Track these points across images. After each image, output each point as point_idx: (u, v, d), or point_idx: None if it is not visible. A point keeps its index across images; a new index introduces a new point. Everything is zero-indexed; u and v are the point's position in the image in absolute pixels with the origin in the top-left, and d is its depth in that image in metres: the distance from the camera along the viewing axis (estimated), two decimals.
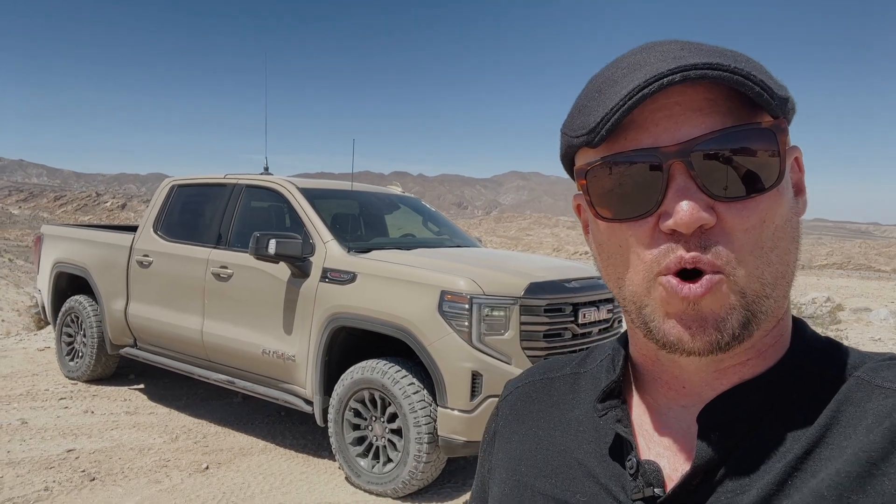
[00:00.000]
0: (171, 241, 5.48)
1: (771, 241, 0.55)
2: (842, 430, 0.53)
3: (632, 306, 0.59)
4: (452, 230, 5.95)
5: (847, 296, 12.73)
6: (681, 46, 0.56)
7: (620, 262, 0.59)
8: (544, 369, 0.79)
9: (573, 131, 0.59)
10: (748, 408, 0.57)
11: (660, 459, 0.60)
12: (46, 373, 6.51)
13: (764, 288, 0.55)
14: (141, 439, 4.84)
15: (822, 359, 0.60)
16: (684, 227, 0.53)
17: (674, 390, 0.62)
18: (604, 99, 0.55)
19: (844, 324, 9.56)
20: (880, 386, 0.54)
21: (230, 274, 4.88)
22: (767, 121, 0.55)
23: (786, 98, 0.56)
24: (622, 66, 0.57)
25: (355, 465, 4.12)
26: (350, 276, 4.24)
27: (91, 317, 6.04)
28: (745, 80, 0.52)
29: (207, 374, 5.12)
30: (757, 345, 0.59)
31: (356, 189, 5.61)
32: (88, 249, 6.14)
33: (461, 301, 3.79)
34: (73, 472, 4.17)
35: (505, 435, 0.76)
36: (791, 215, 0.58)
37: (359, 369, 4.12)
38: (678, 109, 0.54)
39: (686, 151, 0.53)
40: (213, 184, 5.51)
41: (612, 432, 0.64)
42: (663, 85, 0.52)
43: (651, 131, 0.55)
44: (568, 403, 0.72)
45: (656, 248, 0.55)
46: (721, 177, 0.53)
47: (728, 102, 0.54)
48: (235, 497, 3.95)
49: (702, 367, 0.59)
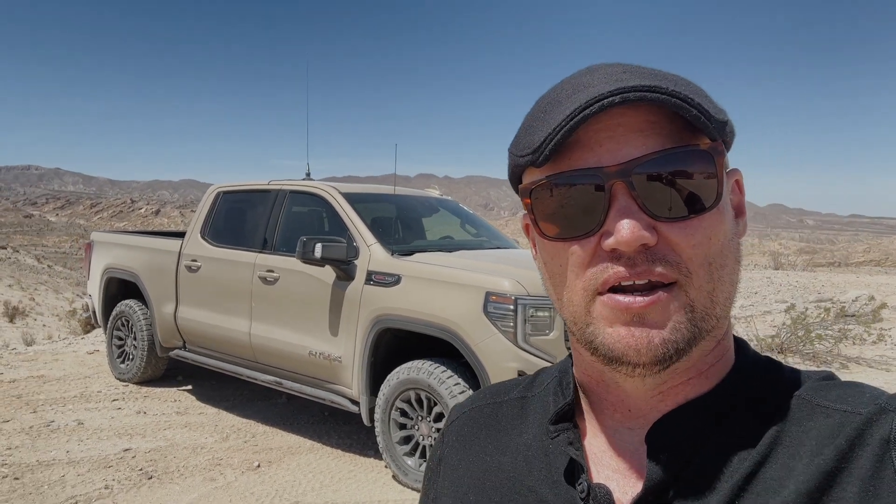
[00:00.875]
0: (219, 247, 5.64)
1: (719, 259, 0.56)
2: (787, 450, 0.54)
3: (574, 326, 0.60)
4: (491, 232, 6.01)
5: (888, 293, 12.44)
6: (623, 69, 0.57)
7: (561, 282, 0.60)
8: (491, 393, 0.78)
9: (519, 151, 0.60)
10: (694, 427, 0.58)
11: (609, 482, 0.60)
12: (98, 375, 6.74)
13: (714, 305, 0.56)
14: (193, 438, 5.00)
15: (766, 378, 0.60)
16: (625, 245, 0.53)
17: (620, 412, 0.63)
18: (548, 119, 0.56)
19: (888, 321, 9.37)
20: (821, 405, 0.56)
21: (276, 277, 5.02)
22: (706, 143, 0.56)
23: (724, 121, 0.57)
24: (567, 87, 0.58)
25: (402, 464, 4.21)
26: (395, 279, 4.33)
27: (141, 320, 6.24)
28: (682, 102, 0.53)
29: (255, 375, 5.27)
30: (698, 364, 0.59)
31: (396, 193, 5.71)
32: (138, 255, 6.35)
33: (506, 302, 3.85)
34: (130, 471, 4.33)
35: (451, 462, 0.74)
36: (732, 236, 0.58)
37: (405, 370, 4.21)
38: (620, 130, 0.55)
39: (627, 172, 0.54)
40: (257, 190, 5.66)
41: (563, 456, 0.63)
42: (604, 106, 0.53)
43: (595, 151, 0.56)
44: (516, 428, 0.71)
45: (595, 267, 0.56)
46: (662, 197, 0.55)
47: (669, 125, 0.55)
48: (288, 494, 4.07)
49: (646, 389, 0.60)
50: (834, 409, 0.55)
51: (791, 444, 0.55)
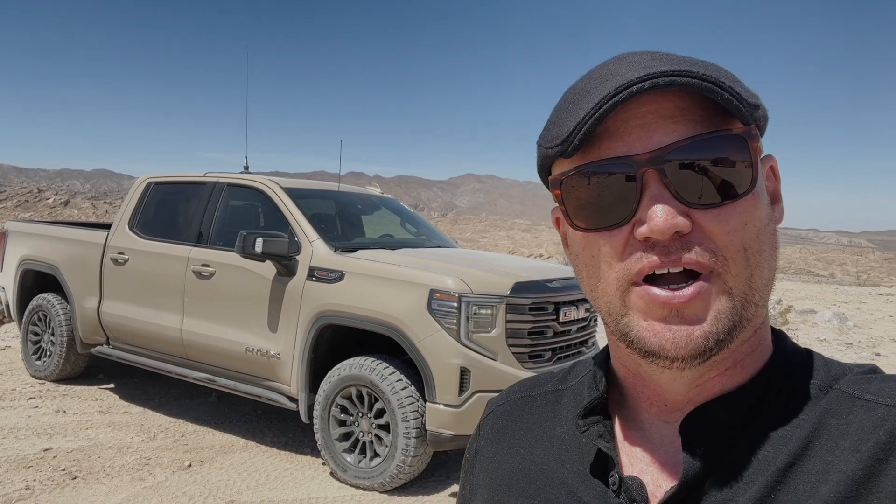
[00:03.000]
0: (149, 239, 5.43)
1: (755, 245, 0.55)
2: (825, 443, 0.53)
3: (608, 318, 0.59)
4: (431, 231, 6.07)
5: (792, 298, 13.35)
6: (651, 56, 0.56)
7: (594, 273, 0.58)
8: (526, 386, 0.78)
9: (548, 143, 0.59)
10: (730, 419, 0.56)
11: (643, 476, 0.59)
12: (11, 372, 6.34)
13: (752, 292, 0.55)
14: (118, 438, 4.80)
15: (804, 370, 0.59)
16: (659, 232, 0.52)
17: (656, 406, 0.62)
18: (576, 109, 0.55)
19: (793, 324, 10.06)
20: (862, 398, 0.54)
21: (212, 272, 4.89)
22: (739, 127, 0.54)
23: (756, 105, 0.56)
24: (594, 77, 0.57)
25: (341, 461, 4.20)
26: (338, 275, 4.31)
27: (60, 315, 5.93)
28: (713, 86, 0.52)
29: (186, 373, 5.11)
30: (735, 354, 0.58)
31: (338, 190, 5.68)
32: (58, 247, 6.02)
33: (450, 299, 3.91)
34: (52, 471, 4.12)
35: (487, 454, 0.74)
36: (768, 222, 0.57)
37: (346, 366, 4.20)
38: (650, 118, 0.54)
39: (658, 159, 0.53)
40: (192, 181, 5.49)
41: (594, 449, 0.62)
42: (633, 93, 0.52)
43: (624, 139, 0.55)
44: (550, 421, 0.70)
45: (629, 258, 0.55)
46: (695, 184, 0.53)
47: (700, 111, 0.54)
48: (222, 493, 3.97)
49: (683, 382, 0.58)
50: (876, 402, 0.53)
51: (830, 437, 0.53)
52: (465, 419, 3.81)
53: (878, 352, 9.60)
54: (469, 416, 3.81)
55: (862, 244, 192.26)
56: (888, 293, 21.55)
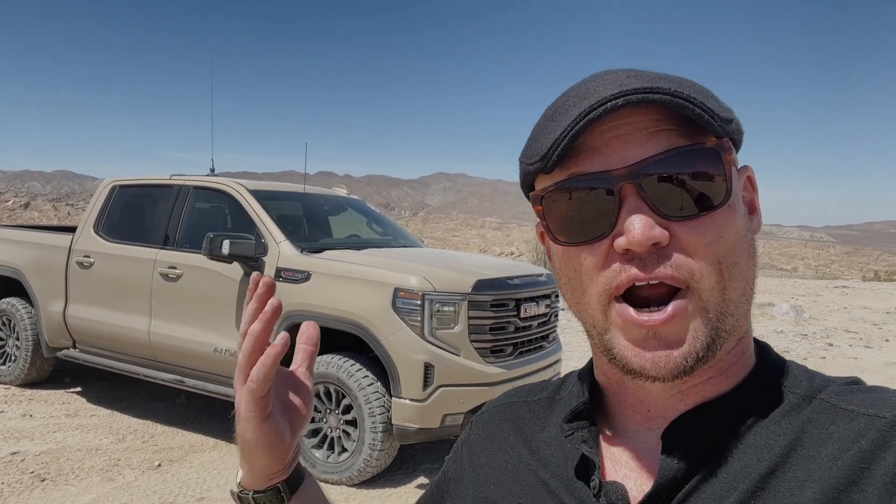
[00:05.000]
0: (115, 242, 5.45)
1: (731, 257, 0.56)
2: (806, 452, 0.53)
3: (593, 331, 0.60)
4: (397, 231, 6.19)
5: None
6: (627, 74, 0.57)
7: (577, 287, 0.59)
8: (523, 392, 0.79)
9: (528, 159, 0.60)
10: (712, 427, 0.57)
11: (626, 481, 0.60)
12: None
13: (728, 305, 0.55)
14: (86, 440, 4.82)
15: (787, 380, 0.60)
16: (637, 244, 0.53)
17: (639, 413, 0.63)
18: (555, 126, 0.57)
19: (751, 317, 10.40)
20: (845, 409, 0.55)
21: (179, 274, 4.94)
22: (712, 141, 0.56)
23: (729, 119, 0.58)
24: (572, 95, 0.59)
25: (310, 456, 4.30)
26: (304, 275, 4.41)
27: (25, 319, 5.91)
28: (685, 102, 0.54)
29: (154, 375, 5.15)
30: (719, 363, 0.59)
31: (304, 191, 5.76)
32: (22, 250, 6.00)
33: (414, 297, 4.04)
34: (21, 474, 4.14)
35: (475, 449, 0.76)
36: (745, 232, 0.58)
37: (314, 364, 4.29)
38: (627, 133, 0.56)
39: (635, 173, 0.55)
40: (158, 184, 5.52)
41: (578, 453, 0.64)
42: (607, 109, 0.54)
43: (603, 154, 0.56)
44: (539, 425, 0.72)
45: (609, 270, 0.56)
46: (671, 196, 0.55)
47: (675, 125, 0.56)
48: (192, 491, 4.05)
49: (666, 391, 0.60)
50: (858, 412, 0.54)
51: (811, 446, 0.54)
52: (430, 413, 3.95)
53: (832, 342, 9.98)
54: (433, 410, 3.95)
55: (823, 238, 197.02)
56: (844, 286, 22.32)
